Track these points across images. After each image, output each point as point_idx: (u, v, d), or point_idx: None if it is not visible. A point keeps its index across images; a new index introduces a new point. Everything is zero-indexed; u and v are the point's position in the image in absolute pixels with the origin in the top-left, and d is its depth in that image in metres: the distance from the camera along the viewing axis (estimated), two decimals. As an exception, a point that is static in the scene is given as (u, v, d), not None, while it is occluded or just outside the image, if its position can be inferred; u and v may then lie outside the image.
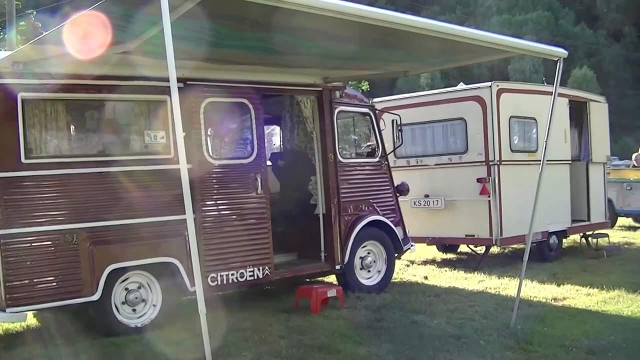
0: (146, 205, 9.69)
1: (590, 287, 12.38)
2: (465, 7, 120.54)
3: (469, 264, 15.44)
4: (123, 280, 9.66)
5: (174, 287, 9.97)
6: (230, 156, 11.07)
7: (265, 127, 12.83)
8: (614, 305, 11.06)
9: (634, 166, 24.93)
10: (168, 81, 5.92)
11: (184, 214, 6.22)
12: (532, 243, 14.12)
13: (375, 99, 16.05)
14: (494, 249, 16.24)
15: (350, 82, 18.68)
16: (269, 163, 12.58)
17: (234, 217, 10.63)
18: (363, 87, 28.05)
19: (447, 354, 8.40)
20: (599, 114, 17.94)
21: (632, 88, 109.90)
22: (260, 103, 11.07)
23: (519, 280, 10.12)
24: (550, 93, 9.85)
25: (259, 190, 10.80)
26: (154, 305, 9.90)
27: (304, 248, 12.32)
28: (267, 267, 10.86)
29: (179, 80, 6.35)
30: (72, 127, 9.64)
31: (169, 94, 6.14)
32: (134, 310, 9.79)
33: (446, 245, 17.03)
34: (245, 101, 10.86)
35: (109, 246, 9.45)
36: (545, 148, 9.76)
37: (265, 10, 6.47)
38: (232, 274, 10.47)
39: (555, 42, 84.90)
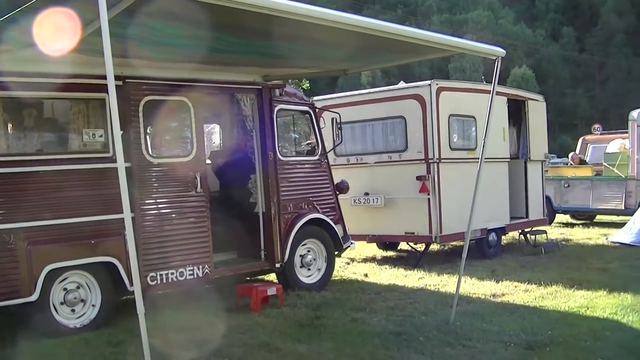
0: (85, 205, 9.61)
1: (528, 283, 12.50)
2: (406, 6, 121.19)
3: (409, 261, 15.52)
4: (61, 280, 9.54)
5: (114, 286, 9.90)
6: (170, 155, 11.02)
7: (205, 126, 12.78)
8: (552, 301, 11.17)
9: (571, 164, 25.26)
10: (106, 79, 5.86)
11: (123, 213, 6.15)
12: (471, 240, 14.37)
13: (316, 97, 16.05)
14: (434, 246, 16.38)
15: (290, 81, 18.68)
16: (208, 161, 12.52)
17: (174, 215, 10.57)
18: (304, 86, 28.10)
19: (387, 351, 8.41)
20: (537, 112, 18.13)
21: (571, 87, 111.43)
22: (200, 101, 11.01)
23: (458, 277, 10.20)
24: (489, 92, 9.91)
25: (199, 189, 10.75)
26: (93, 306, 9.80)
27: (244, 246, 12.27)
28: (207, 266, 10.83)
29: (117, 78, 6.31)
30: (9, 125, 9.49)
31: (108, 91, 6.08)
32: (73, 310, 9.67)
33: (386, 242, 17.13)
34: (185, 99, 10.80)
35: (47, 246, 9.32)
36: (483, 146, 9.82)
37: (203, 8, 6.43)
38: (172, 273, 10.42)
39: (495, 41, 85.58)
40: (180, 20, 7.66)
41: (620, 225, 19.76)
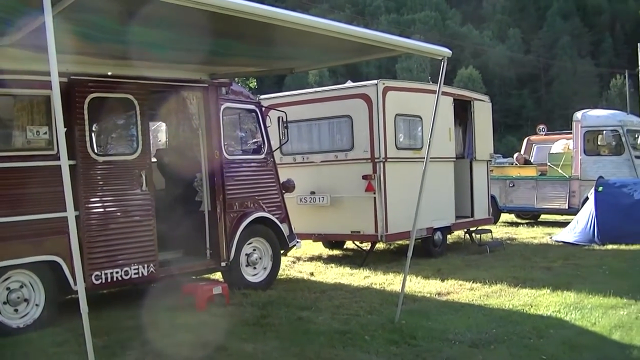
0: (29, 203, 9.48)
1: (473, 282, 12.59)
2: (355, 6, 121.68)
3: (355, 260, 15.55)
4: (4, 280, 9.39)
5: (58, 285, 9.78)
6: (115, 152, 10.93)
7: (151, 123, 12.70)
8: (496, 299, 11.27)
9: (516, 164, 25.49)
10: (50, 75, 5.80)
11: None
12: (417, 239, 14.42)
13: (262, 96, 16.02)
14: (380, 245, 16.43)
15: (237, 79, 18.64)
16: (154, 159, 12.43)
17: (119, 214, 10.49)
18: (251, 84, 28.00)
19: (332, 349, 8.40)
20: (483, 112, 18.29)
21: (516, 88, 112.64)
22: (146, 99, 10.94)
23: (403, 275, 10.23)
24: (435, 92, 9.96)
25: (144, 187, 10.68)
26: (37, 305, 9.66)
27: (190, 245, 12.20)
28: (152, 265, 10.76)
29: (62, 74, 6.24)
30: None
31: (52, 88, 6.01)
32: (16, 310, 9.52)
33: (332, 241, 17.20)
34: (131, 97, 10.71)
35: (-11, 244, 9.19)
36: (429, 145, 9.87)
37: (149, 5, 6.40)
38: (117, 272, 10.33)
39: (442, 41, 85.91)
40: (126, 17, 7.62)
41: (564, 224, 20.03)
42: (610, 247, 16.77)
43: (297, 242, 13.47)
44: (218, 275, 12.88)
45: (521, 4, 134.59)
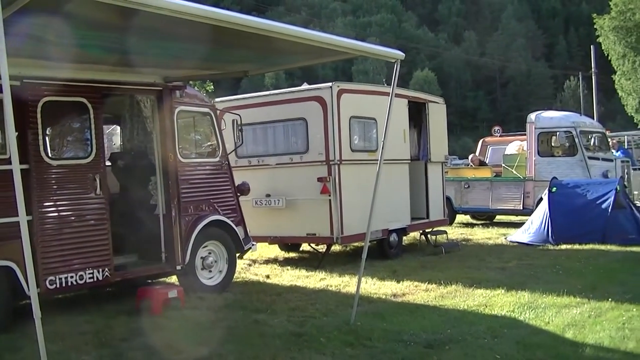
0: (-19, 208, 9.39)
1: (428, 283, 12.65)
2: (311, 8, 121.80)
3: (311, 262, 15.58)
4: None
5: (12, 291, 9.68)
6: (69, 156, 10.82)
7: (105, 127, 12.64)
8: (451, 300, 11.34)
9: (471, 165, 25.65)
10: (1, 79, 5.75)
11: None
12: (373, 241, 14.52)
13: (217, 99, 16.03)
14: (336, 247, 16.46)
15: (193, 82, 18.58)
16: (108, 163, 12.34)
17: (73, 218, 10.40)
18: (208, 87, 27.92)
19: (288, 352, 8.41)
20: (437, 114, 18.35)
21: (472, 90, 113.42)
22: (100, 102, 10.87)
23: (358, 277, 10.26)
24: (389, 94, 9.99)
25: (98, 191, 10.61)
26: (-10, 311, 9.59)
27: (145, 249, 12.13)
28: (107, 269, 10.67)
29: (14, 78, 6.18)
30: None
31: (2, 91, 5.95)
32: (-31, 315, 9.46)
33: (288, 244, 17.16)
34: (84, 100, 10.63)
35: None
36: (382, 147, 9.89)
37: (101, 8, 6.37)
38: (72, 277, 10.24)
39: (398, 44, 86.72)
40: (80, 20, 7.58)
41: (518, 225, 20.17)
42: (564, 247, 16.94)
43: (253, 244, 13.46)
44: (174, 279, 12.82)
45: (476, 7, 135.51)
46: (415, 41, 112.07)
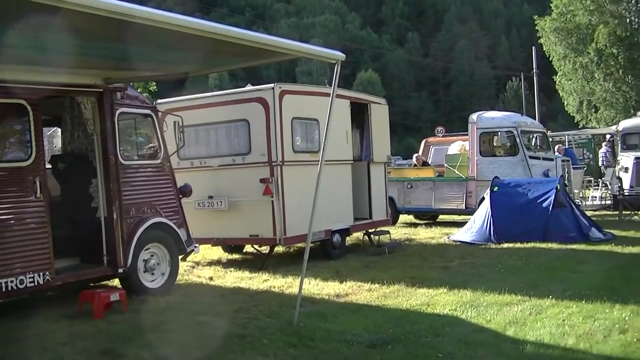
0: None
1: (371, 283, 12.69)
2: (254, 10, 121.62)
3: (255, 263, 15.55)
4: None
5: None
6: (8, 159, 10.66)
7: (46, 129, 12.51)
8: (394, 300, 11.40)
9: (415, 165, 25.79)
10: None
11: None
12: (316, 241, 14.52)
13: (159, 100, 15.95)
14: (279, 249, 16.43)
15: (135, 83, 18.46)
16: (48, 166, 12.23)
17: (12, 222, 10.27)
18: (151, 88, 27.77)
19: (231, 354, 8.41)
20: (379, 115, 18.41)
21: (415, 90, 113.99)
22: (39, 104, 10.72)
23: (300, 278, 10.28)
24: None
25: (38, 194, 10.48)
26: None
27: (87, 252, 12.02)
28: (48, 273, 10.55)
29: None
30: None
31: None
32: None
33: (231, 245, 17.13)
34: (23, 102, 10.48)
35: None
36: (323, 148, 9.93)
37: (37, 9, 6.31)
38: (12, 281, 10.10)
39: (342, 45, 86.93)
40: (18, 22, 7.50)
41: (461, 224, 20.28)
42: (505, 245, 17.11)
43: (195, 247, 13.41)
44: (116, 282, 12.72)
45: (419, 8, 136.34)
46: (359, 42, 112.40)
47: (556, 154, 24.74)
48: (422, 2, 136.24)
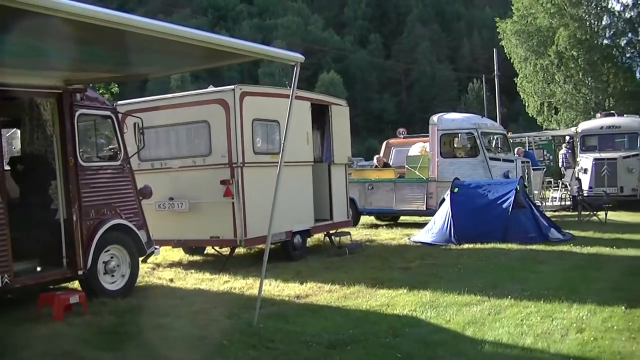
0: None
1: (332, 284, 12.73)
2: (217, 11, 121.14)
3: (215, 265, 15.50)
4: None
5: None
6: (-35, 161, 10.63)
7: (4, 131, 12.42)
8: (354, 300, 11.45)
9: (376, 166, 25.87)
10: None
11: None
12: (277, 243, 14.52)
13: (120, 102, 15.89)
14: (240, 250, 16.41)
15: (96, 85, 18.36)
16: (7, 167, 12.15)
17: (-30, 224, 10.21)
18: (113, 90, 27.52)
19: (191, 356, 8.44)
20: (340, 116, 18.45)
21: (378, 92, 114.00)
22: (-2, 105, 10.69)
23: (260, 279, 10.29)
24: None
25: (-4, 196, 10.43)
26: None
27: (46, 254, 11.92)
28: (6, 275, 10.45)
29: None
30: None
31: None
32: None
33: (192, 247, 17.12)
34: (-19, 104, 10.46)
35: None
36: (282, 150, 9.96)
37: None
38: (-30, 284, 10.05)
39: (304, 47, 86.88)
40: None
41: (422, 225, 20.34)
42: (466, 246, 17.22)
43: (156, 248, 13.37)
44: (76, 284, 12.65)
45: (382, 10, 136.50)
46: (321, 44, 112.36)
47: (515, 155, 24.88)
48: (384, 4, 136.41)
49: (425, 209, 22.18)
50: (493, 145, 23.16)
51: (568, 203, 28.10)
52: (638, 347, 8.29)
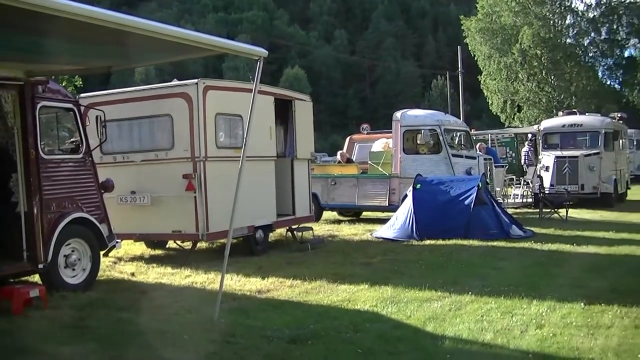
0: None
1: (293, 279, 12.75)
2: (182, 4, 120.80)
3: (177, 259, 15.44)
4: None
5: None
6: None
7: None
8: (316, 296, 11.48)
9: (339, 162, 25.88)
10: None
11: None
12: (239, 237, 14.50)
13: (83, 95, 15.80)
14: (202, 244, 16.39)
15: (60, 78, 18.23)
16: (-33, 160, 12.07)
17: None
18: (77, 83, 27.34)
19: (151, 350, 8.39)
20: (304, 112, 18.48)
21: (342, 88, 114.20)
22: (-42, 97, 10.59)
23: (221, 274, 10.29)
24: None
25: (-45, 189, 10.35)
26: None
27: (6, 247, 11.84)
28: (-35, 269, 10.41)
29: None
30: None
31: None
32: None
33: (154, 241, 17.07)
34: (-59, 95, 10.35)
35: None
36: (245, 144, 9.96)
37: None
38: None
39: (269, 41, 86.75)
40: None
41: (384, 221, 20.44)
42: (428, 242, 17.30)
43: (117, 242, 13.29)
44: (37, 278, 12.56)
45: (347, 6, 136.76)
46: (286, 39, 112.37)
47: (478, 152, 24.99)
48: (350, 0, 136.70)
49: (387, 204, 22.25)
50: (456, 142, 23.31)
51: (530, 200, 28.29)
52: (596, 343, 8.38)
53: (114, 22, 7.60)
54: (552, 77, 54.70)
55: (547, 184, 26.41)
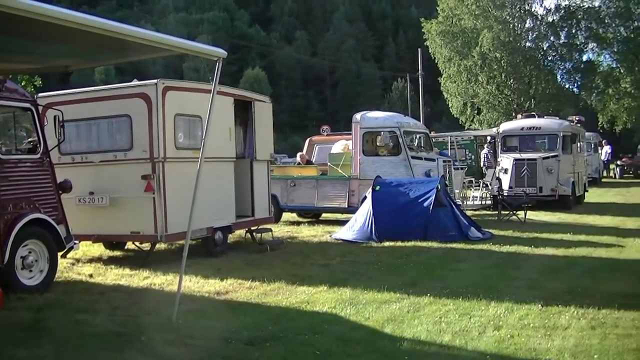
0: None
1: (252, 281, 12.74)
2: (143, 4, 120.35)
3: (136, 260, 15.38)
4: None
5: None
6: None
7: None
8: (274, 297, 11.48)
9: (298, 163, 25.90)
10: None
11: None
12: (198, 239, 14.45)
13: (41, 94, 15.70)
14: (161, 245, 16.34)
15: (20, 78, 18.09)
16: None
17: None
18: (36, 83, 27.13)
19: (108, 352, 8.36)
20: (263, 113, 18.48)
21: (302, 89, 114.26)
22: None
23: (179, 275, 10.26)
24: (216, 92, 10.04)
25: None
26: None
27: (-38, 248, 11.75)
28: None
29: None
30: None
31: None
32: None
33: (113, 242, 16.94)
34: None
35: None
36: (203, 145, 9.95)
37: None
38: None
39: (230, 42, 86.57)
40: None
41: (343, 222, 20.45)
42: (387, 244, 17.38)
43: (75, 243, 13.20)
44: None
45: (308, 7, 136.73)
46: (247, 39, 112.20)
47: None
48: (311, 1, 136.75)
49: (347, 206, 22.30)
50: (415, 144, 23.39)
51: (488, 202, 28.48)
52: (553, 344, 8.47)
53: (72, 22, 7.55)
54: (512, 80, 55.06)
55: (505, 186, 26.62)
